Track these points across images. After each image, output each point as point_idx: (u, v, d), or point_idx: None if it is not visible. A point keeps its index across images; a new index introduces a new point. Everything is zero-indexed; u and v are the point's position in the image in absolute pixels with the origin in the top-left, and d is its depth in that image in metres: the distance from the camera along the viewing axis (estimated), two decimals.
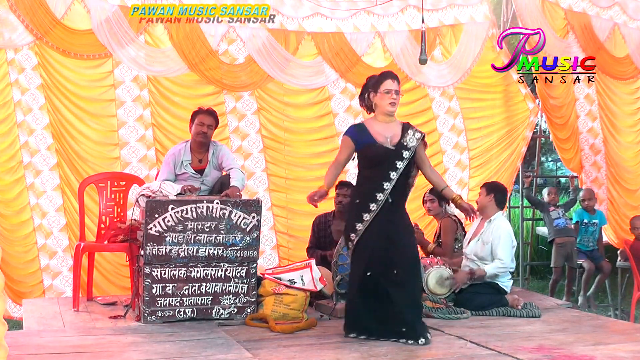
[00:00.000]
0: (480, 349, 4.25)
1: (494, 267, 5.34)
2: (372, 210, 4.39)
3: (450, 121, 7.53)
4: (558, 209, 7.43)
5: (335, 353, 4.11)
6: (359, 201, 4.47)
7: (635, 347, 4.30)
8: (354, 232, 4.44)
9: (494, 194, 5.60)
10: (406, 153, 4.44)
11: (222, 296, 4.94)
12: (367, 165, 4.50)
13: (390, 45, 7.11)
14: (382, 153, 4.43)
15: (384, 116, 4.50)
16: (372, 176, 4.44)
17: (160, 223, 4.78)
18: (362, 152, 4.49)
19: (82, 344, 4.21)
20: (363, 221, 4.41)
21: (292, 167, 7.03)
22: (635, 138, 8.27)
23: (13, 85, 6.06)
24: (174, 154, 5.48)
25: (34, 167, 6.14)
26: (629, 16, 7.98)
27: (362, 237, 4.42)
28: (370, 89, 4.50)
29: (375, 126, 4.50)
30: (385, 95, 4.43)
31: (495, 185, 5.77)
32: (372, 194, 4.39)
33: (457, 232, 6.13)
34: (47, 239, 6.16)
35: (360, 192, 4.52)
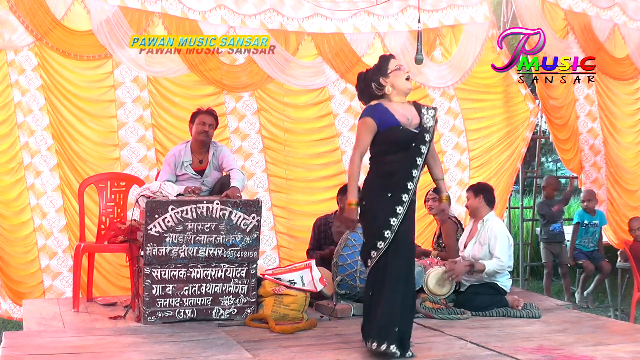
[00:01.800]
0: (480, 349, 4.26)
1: (493, 264, 5.33)
2: (405, 202, 3.97)
3: (450, 122, 7.53)
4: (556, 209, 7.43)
5: (335, 354, 4.11)
6: (391, 194, 3.97)
7: (635, 347, 4.30)
8: (389, 229, 3.94)
9: (482, 195, 5.61)
10: (427, 136, 4.06)
11: (222, 297, 4.94)
12: (390, 150, 4.02)
13: (390, 46, 7.11)
14: (408, 137, 4.02)
15: (401, 96, 4.12)
16: (399, 163, 4.00)
17: (160, 223, 4.78)
18: (384, 136, 4.02)
19: (82, 344, 4.21)
20: (397, 215, 3.95)
21: (292, 167, 7.03)
22: (635, 139, 8.28)
23: (13, 86, 6.06)
24: (174, 155, 5.48)
25: (34, 168, 6.14)
26: (629, 17, 7.98)
27: (398, 234, 3.97)
28: (377, 75, 4.12)
29: (393, 107, 4.08)
30: (399, 72, 4.10)
31: (481, 186, 5.79)
32: (404, 184, 3.98)
33: (457, 233, 6.12)
34: (47, 239, 6.17)
35: (391, 182, 4.00)
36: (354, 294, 5.31)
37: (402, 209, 3.96)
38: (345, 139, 7.15)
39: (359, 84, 4.26)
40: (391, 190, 3.99)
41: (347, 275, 5.26)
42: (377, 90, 4.12)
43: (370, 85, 4.15)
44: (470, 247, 5.55)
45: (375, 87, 4.12)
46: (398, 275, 3.98)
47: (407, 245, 4.07)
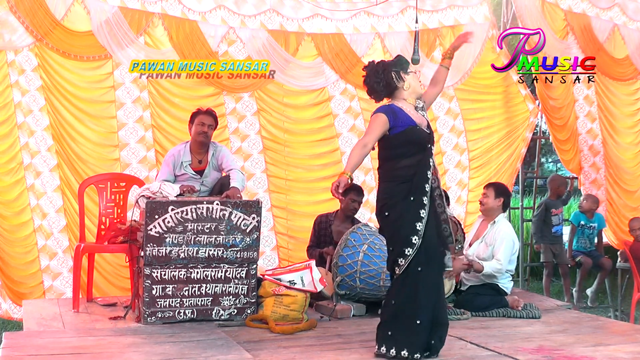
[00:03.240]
0: (480, 349, 4.26)
1: (491, 266, 5.34)
2: (426, 205, 3.94)
3: (450, 122, 7.53)
4: (559, 212, 7.44)
5: (335, 354, 4.11)
6: (413, 198, 3.91)
7: (635, 348, 4.31)
8: (416, 234, 3.88)
9: (503, 198, 5.57)
10: (434, 136, 4.15)
11: (222, 297, 4.94)
12: (407, 153, 3.95)
13: (390, 46, 7.11)
14: (425, 137, 4.01)
15: (412, 98, 4.10)
16: (416, 166, 3.94)
17: (160, 224, 4.78)
18: (402, 137, 3.95)
19: (82, 345, 4.21)
20: (422, 219, 3.91)
21: (292, 168, 7.03)
22: (634, 139, 8.28)
23: (13, 86, 6.05)
24: (173, 155, 5.48)
25: (34, 168, 6.14)
26: (629, 17, 7.98)
27: (425, 240, 3.92)
28: (398, 67, 4.07)
29: (405, 107, 4.06)
30: (415, 75, 4.14)
31: (504, 190, 5.72)
32: (422, 187, 3.94)
33: (457, 234, 6.12)
34: (48, 240, 6.16)
35: (412, 187, 3.92)
36: (353, 295, 5.31)
37: (425, 213, 3.92)
38: (345, 140, 7.15)
39: (373, 71, 4.10)
40: (413, 194, 3.93)
41: (347, 276, 5.25)
42: (396, 80, 4.05)
43: (390, 73, 4.06)
44: (475, 246, 5.55)
45: (395, 77, 4.05)
46: (431, 284, 3.97)
47: (436, 252, 4.02)
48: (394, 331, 3.96)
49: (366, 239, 5.26)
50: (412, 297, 3.93)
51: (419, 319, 3.91)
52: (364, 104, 7.15)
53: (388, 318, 4.01)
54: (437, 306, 4.00)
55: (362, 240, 5.27)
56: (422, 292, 3.93)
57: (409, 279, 3.93)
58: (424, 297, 3.93)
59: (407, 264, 3.91)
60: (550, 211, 7.42)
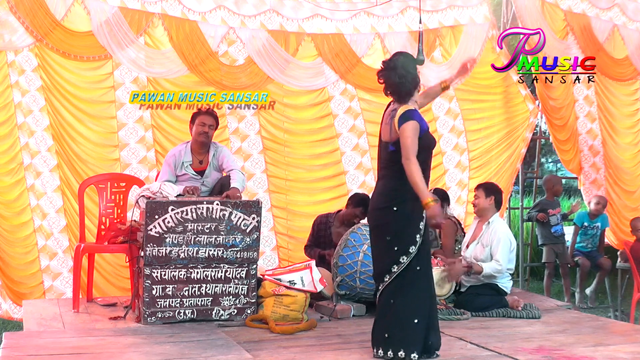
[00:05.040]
0: (480, 350, 4.26)
1: (490, 267, 5.34)
2: None
3: (450, 122, 7.53)
4: (557, 212, 7.43)
5: (335, 354, 4.12)
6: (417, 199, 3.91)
7: (635, 348, 4.31)
8: (419, 233, 3.97)
9: (494, 197, 5.59)
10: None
11: (222, 297, 4.94)
12: (421, 155, 3.92)
13: (390, 47, 7.10)
14: (434, 141, 4.13)
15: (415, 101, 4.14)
16: (423, 168, 3.93)
17: (160, 224, 4.78)
18: (421, 141, 3.94)
19: (82, 345, 4.21)
20: (423, 219, 3.98)
21: (292, 168, 7.03)
22: (633, 139, 8.28)
23: (13, 87, 6.06)
24: (174, 155, 5.48)
25: (34, 169, 6.14)
26: (629, 17, 7.98)
27: (424, 240, 4.02)
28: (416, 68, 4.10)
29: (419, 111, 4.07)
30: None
31: (494, 187, 5.76)
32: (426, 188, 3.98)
33: (456, 234, 6.13)
34: (48, 240, 6.17)
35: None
36: (353, 295, 5.31)
37: (425, 213, 3.93)
38: (344, 140, 7.16)
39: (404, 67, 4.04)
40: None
41: (347, 276, 5.26)
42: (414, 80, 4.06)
43: (415, 70, 4.07)
44: (472, 247, 5.55)
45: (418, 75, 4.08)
46: (427, 284, 4.04)
47: (429, 252, 4.12)
48: (390, 332, 3.97)
49: (366, 238, 5.25)
50: (410, 296, 3.95)
51: (417, 318, 3.94)
52: (364, 104, 7.16)
53: (386, 318, 4.02)
54: (431, 308, 4.05)
55: (362, 240, 5.27)
56: (420, 291, 3.98)
57: (407, 278, 3.96)
58: (422, 296, 3.98)
59: (408, 263, 3.94)
60: (547, 211, 7.41)
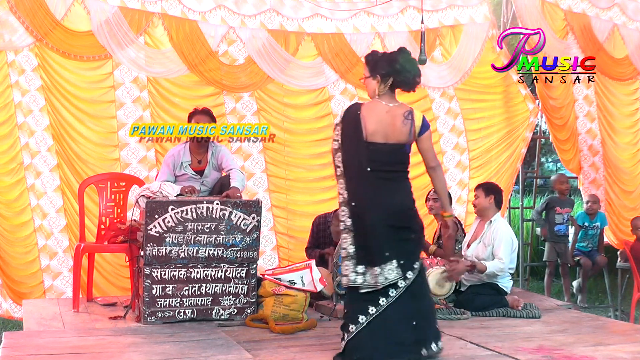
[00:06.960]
0: (480, 349, 4.26)
1: (493, 265, 5.34)
2: None
3: (450, 122, 7.53)
4: (564, 211, 7.42)
5: (335, 354, 4.11)
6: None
7: (635, 348, 4.31)
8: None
9: (493, 196, 5.60)
10: None
11: (222, 297, 4.94)
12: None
13: (390, 46, 7.09)
14: None
15: None
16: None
17: (160, 224, 4.78)
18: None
19: (82, 344, 4.21)
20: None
21: (292, 167, 7.03)
22: (632, 139, 8.28)
23: (13, 86, 6.06)
24: (173, 155, 5.49)
25: (34, 169, 6.14)
26: (629, 17, 7.99)
27: None
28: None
29: None
30: None
31: (493, 187, 5.76)
32: None
33: (457, 234, 6.12)
34: (48, 239, 6.17)
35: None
36: None
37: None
38: None
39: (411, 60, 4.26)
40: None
41: None
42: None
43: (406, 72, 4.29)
44: (473, 247, 5.55)
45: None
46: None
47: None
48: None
49: None
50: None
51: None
52: None
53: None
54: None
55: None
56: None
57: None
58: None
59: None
60: (554, 209, 7.41)
